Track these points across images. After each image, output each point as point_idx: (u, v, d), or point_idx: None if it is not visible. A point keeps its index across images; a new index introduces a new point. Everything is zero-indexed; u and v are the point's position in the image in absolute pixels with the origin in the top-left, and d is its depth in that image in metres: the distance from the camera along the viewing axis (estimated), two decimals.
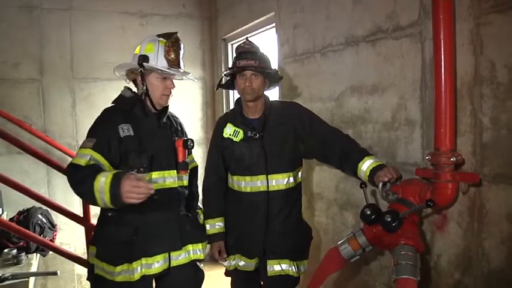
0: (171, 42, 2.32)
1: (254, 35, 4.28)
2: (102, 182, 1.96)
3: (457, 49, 2.01)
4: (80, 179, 2.04)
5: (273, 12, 3.77)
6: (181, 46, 2.37)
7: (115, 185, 1.93)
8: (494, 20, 1.90)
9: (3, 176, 2.82)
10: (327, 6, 3.02)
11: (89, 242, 2.38)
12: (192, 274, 2.47)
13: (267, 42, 4.11)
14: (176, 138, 2.41)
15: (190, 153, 2.49)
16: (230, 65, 2.57)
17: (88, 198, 2.07)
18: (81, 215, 3.24)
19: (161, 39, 2.33)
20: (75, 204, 4.01)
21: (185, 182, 2.46)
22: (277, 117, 2.52)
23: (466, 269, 2.12)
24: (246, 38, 2.62)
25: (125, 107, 2.30)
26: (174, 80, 2.39)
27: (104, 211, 2.30)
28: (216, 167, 2.61)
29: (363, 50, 2.71)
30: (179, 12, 5.11)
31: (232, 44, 4.94)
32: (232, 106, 4.76)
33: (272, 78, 2.52)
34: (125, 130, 2.20)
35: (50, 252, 3.62)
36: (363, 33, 2.70)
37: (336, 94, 2.99)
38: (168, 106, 2.44)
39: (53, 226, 4.01)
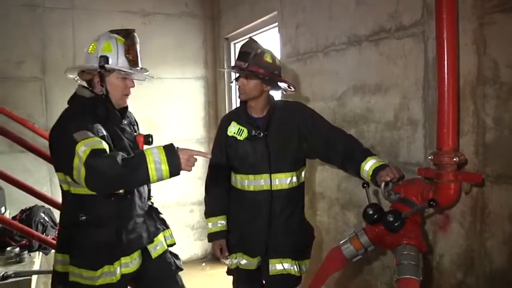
0: (131, 40, 2.23)
1: (257, 34, 4.27)
2: (156, 153, 1.88)
3: (460, 49, 2.01)
4: (120, 159, 1.88)
5: (276, 11, 3.77)
6: (138, 44, 2.27)
7: (171, 155, 1.89)
8: (497, 19, 1.89)
9: (6, 174, 2.83)
10: (330, 5, 3.02)
11: (57, 250, 2.24)
12: (171, 259, 2.48)
13: (270, 41, 4.10)
14: (136, 134, 2.39)
15: None
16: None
17: (133, 177, 1.90)
18: None
19: (117, 36, 2.22)
20: None
21: None
22: (281, 117, 2.52)
23: (469, 269, 2.12)
24: (250, 38, 2.62)
25: (88, 107, 2.17)
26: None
27: (74, 216, 2.15)
28: (219, 165, 2.61)
29: (365, 49, 2.71)
30: (181, 12, 5.11)
31: (235, 43, 4.94)
32: (234, 105, 4.78)
33: (268, 81, 2.47)
34: (99, 130, 2.11)
35: (52, 251, 3.63)
36: (365, 33, 2.69)
37: (338, 93, 2.99)
38: (127, 105, 2.36)
39: (55, 225, 4.00)
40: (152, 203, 2.53)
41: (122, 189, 2.15)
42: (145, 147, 2.32)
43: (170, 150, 1.90)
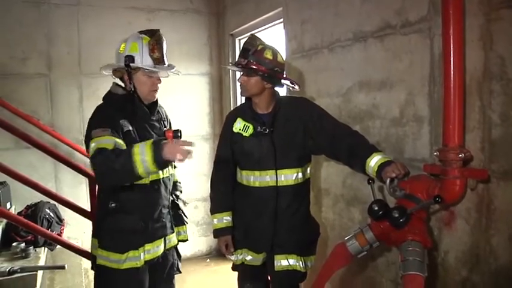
0: (155, 40, 2.36)
1: (262, 30, 4.27)
2: (142, 146, 2.02)
3: (467, 45, 2.00)
4: (115, 155, 2.04)
5: (281, 7, 3.76)
6: (165, 42, 2.41)
7: (156, 146, 2.00)
8: (504, 15, 1.88)
9: (12, 170, 2.84)
10: (336, 2, 3.01)
11: (92, 235, 2.46)
12: (176, 255, 2.64)
13: (275, 37, 4.09)
14: (165, 129, 2.52)
15: None
16: None
17: (124, 171, 2.03)
18: (88, 210, 3.26)
19: (144, 36, 2.37)
20: (82, 199, 4.03)
21: (172, 170, 2.61)
22: (286, 113, 2.52)
23: (474, 265, 2.12)
24: (251, 34, 2.62)
25: (119, 103, 2.35)
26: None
27: (105, 203, 2.34)
28: (225, 161, 2.62)
29: (371, 45, 2.70)
30: (186, 8, 5.11)
31: (239, 40, 4.93)
32: (239, 101, 4.78)
33: (268, 78, 2.45)
34: (125, 125, 2.28)
35: (58, 247, 3.65)
36: (371, 29, 2.69)
37: (343, 90, 2.98)
38: (157, 100, 2.53)
39: (60, 220, 4.03)
40: (177, 196, 2.72)
41: (121, 183, 2.26)
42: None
43: (156, 141, 2.04)
